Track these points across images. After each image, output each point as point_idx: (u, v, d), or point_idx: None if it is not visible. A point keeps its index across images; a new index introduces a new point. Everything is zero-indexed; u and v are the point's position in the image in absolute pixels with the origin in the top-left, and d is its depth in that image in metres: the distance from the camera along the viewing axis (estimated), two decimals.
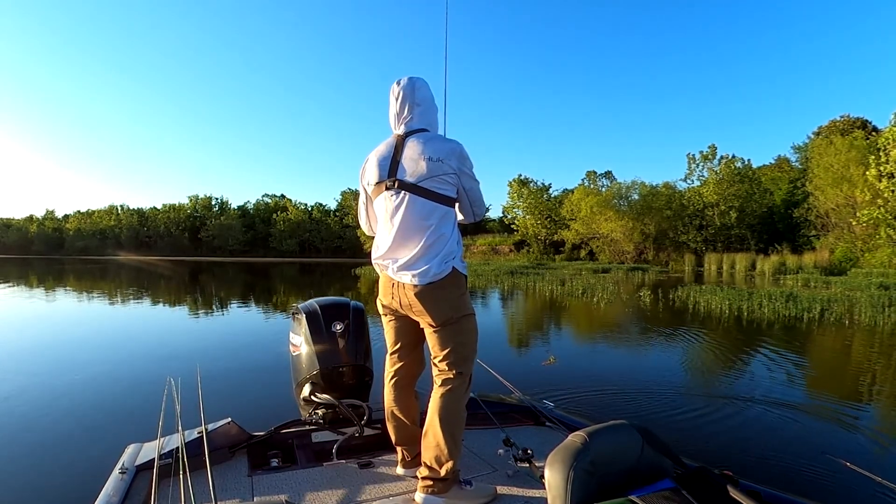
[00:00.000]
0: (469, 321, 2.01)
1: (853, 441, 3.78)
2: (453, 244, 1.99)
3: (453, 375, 1.96)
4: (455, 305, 1.97)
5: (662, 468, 1.47)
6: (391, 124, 2.08)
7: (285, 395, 2.92)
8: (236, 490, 1.99)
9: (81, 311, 12.09)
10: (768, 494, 1.62)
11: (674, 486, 1.38)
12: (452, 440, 1.89)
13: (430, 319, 1.96)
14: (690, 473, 1.50)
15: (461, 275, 2.00)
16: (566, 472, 1.31)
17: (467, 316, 2.00)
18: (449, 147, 1.99)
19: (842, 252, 26.09)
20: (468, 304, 2.03)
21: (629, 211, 36.68)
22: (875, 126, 34.84)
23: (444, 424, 1.90)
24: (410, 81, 2.04)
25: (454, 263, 1.97)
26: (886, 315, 10.21)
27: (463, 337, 1.98)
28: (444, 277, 1.94)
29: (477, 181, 2.07)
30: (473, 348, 2.03)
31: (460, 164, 1.99)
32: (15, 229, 77.34)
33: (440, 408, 1.93)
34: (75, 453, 3.50)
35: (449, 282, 1.95)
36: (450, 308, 1.96)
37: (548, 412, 2.67)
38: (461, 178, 2.01)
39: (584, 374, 5.72)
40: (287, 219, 63.09)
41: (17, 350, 7.19)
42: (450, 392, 1.95)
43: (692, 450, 3.38)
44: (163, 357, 6.55)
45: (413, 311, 1.99)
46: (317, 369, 2.48)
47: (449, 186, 1.98)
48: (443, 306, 1.95)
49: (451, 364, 1.97)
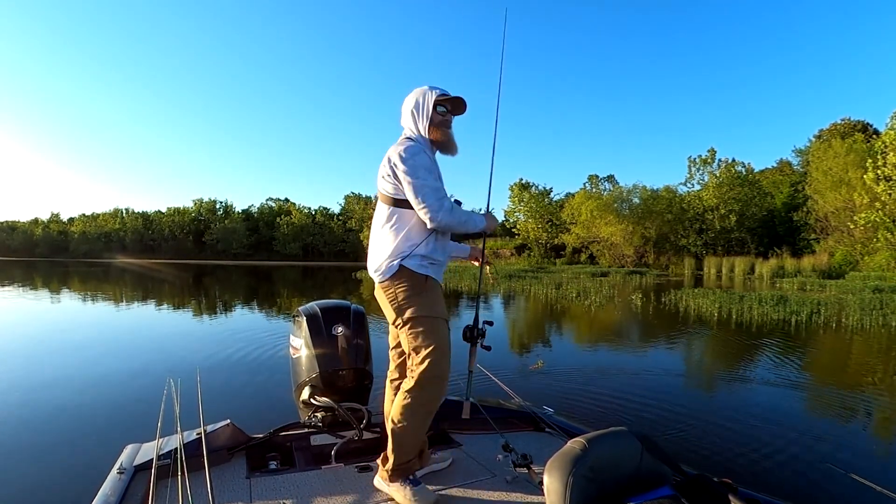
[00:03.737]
0: (424, 323, 1.96)
1: (852, 449, 3.77)
2: (404, 243, 1.99)
3: (409, 377, 1.99)
4: (402, 306, 1.98)
5: (661, 475, 1.47)
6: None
7: (285, 398, 2.93)
8: (234, 492, 1.98)
9: (83, 313, 12.24)
10: (767, 502, 1.62)
11: (673, 494, 1.38)
12: (396, 440, 1.96)
13: (387, 317, 2.04)
14: (689, 481, 1.48)
15: (416, 274, 1.98)
16: (565, 478, 1.30)
17: (426, 318, 1.96)
18: (393, 147, 2.03)
19: (841, 255, 26.12)
20: (426, 306, 1.98)
21: (630, 215, 36.76)
22: (876, 129, 34.90)
23: (392, 423, 1.98)
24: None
25: (405, 262, 1.98)
26: (874, 318, 10.29)
27: (418, 340, 1.96)
28: (391, 276, 1.99)
29: (414, 178, 1.95)
30: (433, 353, 1.94)
31: (395, 161, 1.98)
32: (20, 232, 77.87)
33: (393, 407, 2.00)
34: (74, 453, 3.52)
35: (397, 280, 1.98)
36: (398, 307, 1.98)
37: (547, 418, 2.66)
38: (397, 177, 1.99)
39: (570, 377, 5.81)
40: (291, 222, 63.34)
41: (18, 350, 7.30)
42: (402, 393, 1.98)
43: (692, 457, 3.44)
44: (163, 358, 6.59)
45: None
46: (316, 372, 2.47)
47: (391, 186, 2.01)
48: (392, 305, 2.00)
49: (410, 365, 2.00)
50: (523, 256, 43.51)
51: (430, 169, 2.00)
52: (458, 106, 2.14)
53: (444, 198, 2.00)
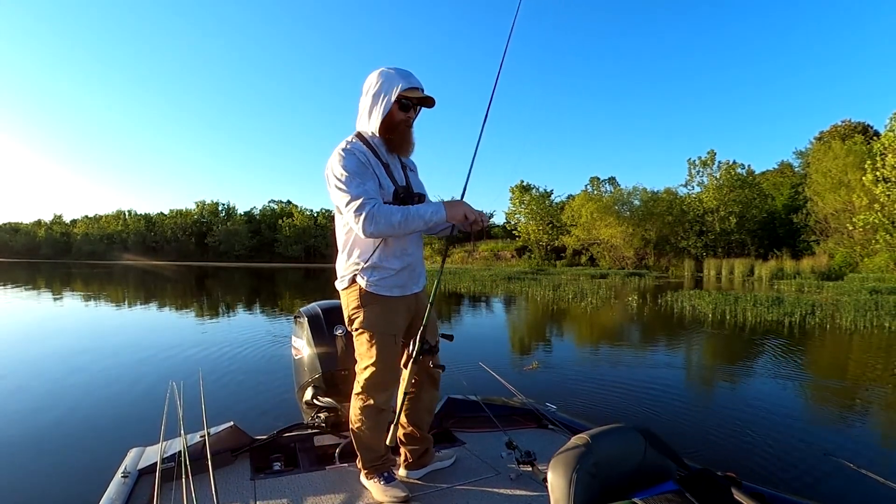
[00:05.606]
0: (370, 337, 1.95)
1: (856, 442, 3.80)
2: (355, 255, 1.96)
3: (356, 381, 2.04)
4: (351, 316, 2.00)
5: (666, 470, 1.46)
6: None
7: (288, 399, 2.97)
8: (239, 494, 1.99)
9: (86, 315, 12.33)
10: (772, 496, 1.62)
11: (677, 489, 1.38)
12: (357, 441, 2.03)
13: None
14: (694, 475, 1.48)
15: (365, 292, 1.94)
16: (569, 474, 1.30)
17: (372, 333, 1.95)
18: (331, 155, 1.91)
19: (842, 257, 26.15)
20: (373, 321, 1.94)
21: (630, 217, 36.82)
22: (876, 130, 34.88)
23: (351, 425, 2.05)
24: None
25: (357, 277, 1.96)
26: (867, 319, 10.37)
27: (362, 350, 1.99)
28: (344, 287, 2.01)
29: (338, 191, 1.82)
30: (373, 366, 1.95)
31: (327, 173, 1.89)
32: (23, 233, 78.31)
33: (350, 411, 2.05)
34: (77, 456, 3.54)
35: (350, 292, 1.98)
36: (349, 318, 2.01)
37: (550, 415, 2.67)
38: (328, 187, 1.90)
39: (567, 375, 5.91)
40: (293, 224, 63.49)
41: (22, 352, 7.40)
42: (353, 397, 2.04)
43: (695, 452, 3.47)
44: (166, 361, 6.63)
45: None
46: (319, 373, 2.47)
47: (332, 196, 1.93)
48: (345, 312, 2.04)
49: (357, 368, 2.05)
50: (524, 258, 43.57)
51: (356, 173, 1.81)
52: (426, 103, 1.96)
53: (365, 204, 1.77)
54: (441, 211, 1.85)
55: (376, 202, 1.79)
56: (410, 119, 1.94)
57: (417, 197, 1.97)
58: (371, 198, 1.79)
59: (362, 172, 1.82)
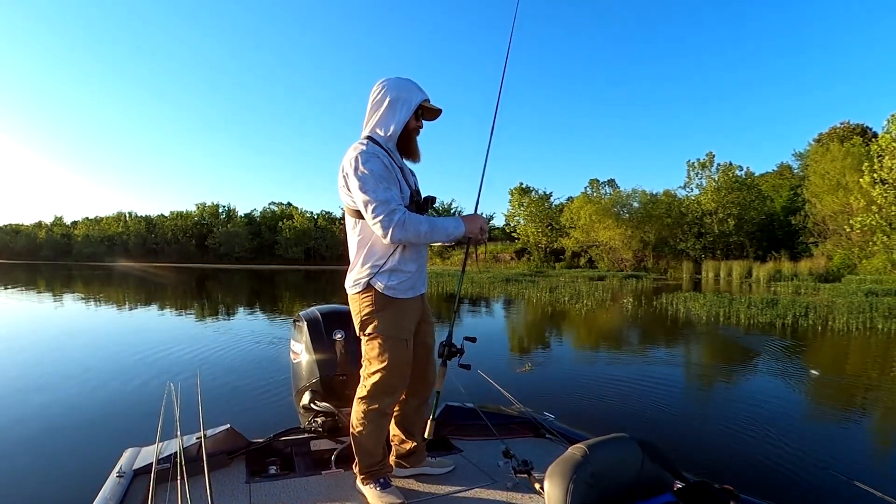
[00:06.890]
0: (384, 341, 1.96)
1: (854, 455, 3.80)
2: (370, 258, 1.95)
3: (361, 384, 2.04)
4: (364, 321, 1.99)
5: (663, 482, 1.46)
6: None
7: (285, 403, 2.98)
8: (234, 497, 1.97)
9: (85, 316, 12.39)
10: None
11: (674, 501, 1.38)
12: (357, 446, 2.03)
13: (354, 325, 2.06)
14: (691, 487, 1.47)
15: (382, 294, 1.94)
16: (566, 484, 1.29)
17: (386, 337, 1.96)
18: (346, 154, 1.92)
19: (840, 259, 26.21)
20: (388, 325, 1.96)
21: (629, 219, 36.89)
22: (875, 132, 34.85)
23: (352, 429, 2.04)
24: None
25: (372, 280, 1.94)
26: (860, 321, 10.42)
27: (374, 353, 1.98)
28: (358, 291, 1.98)
29: (363, 192, 1.83)
30: (385, 369, 1.96)
31: (347, 171, 1.89)
32: (23, 235, 78.57)
33: (352, 414, 2.05)
34: (73, 456, 3.54)
35: (364, 296, 1.97)
36: (361, 322, 2.00)
37: (548, 424, 2.65)
38: (350, 188, 1.89)
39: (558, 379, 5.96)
40: (293, 226, 63.62)
41: (19, 353, 7.45)
42: (356, 400, 2.04)
43: (693, 464, 3.41)
44: (164, 362, 6.64)
45: None
46: (317, 377, 2.46)
47: (349, 197, 1.92)
48: (357, 318, 2.02)
49: (363, 372, 2.04)
50: (523, 260, 43.64)
51: (382, 177, 1.84)
52: (434, 116, 2.08)
53: (396, 210, 1.82)
54: (461, 227, 1.96)
55: (405, 210, 1.86)
56: (419, 128, 2.05)
57: (428, 201, 2.04)
58: (400, 204, 1.85)
59: (388, 176, 1.86)
